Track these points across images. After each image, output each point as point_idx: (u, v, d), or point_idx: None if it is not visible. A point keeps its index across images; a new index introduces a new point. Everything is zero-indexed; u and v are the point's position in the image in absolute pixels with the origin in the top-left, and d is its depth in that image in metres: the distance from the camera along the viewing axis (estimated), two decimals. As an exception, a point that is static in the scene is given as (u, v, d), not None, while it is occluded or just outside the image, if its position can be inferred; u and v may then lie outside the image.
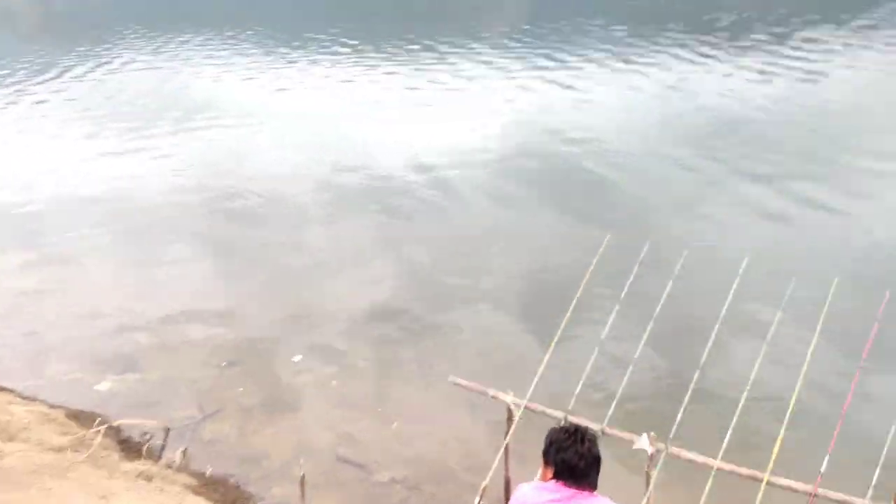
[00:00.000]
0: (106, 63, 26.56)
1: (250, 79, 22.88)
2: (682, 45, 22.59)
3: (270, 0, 44.55)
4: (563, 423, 4.18)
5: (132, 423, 6.33)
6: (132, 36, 32.84)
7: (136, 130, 17.26)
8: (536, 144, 14.72)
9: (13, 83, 24.07)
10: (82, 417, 6.33)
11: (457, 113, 17.46)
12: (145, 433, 6.42)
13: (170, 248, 10.84)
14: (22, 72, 25.74)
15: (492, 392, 5.20)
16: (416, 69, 22.48)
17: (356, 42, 27.34)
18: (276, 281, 9.69)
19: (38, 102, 21.12)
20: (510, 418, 5.10)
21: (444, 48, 25.16)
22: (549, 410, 4.92)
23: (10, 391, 6.92)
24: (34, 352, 8.03)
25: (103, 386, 7.40)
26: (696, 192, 11.74)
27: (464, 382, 5.45)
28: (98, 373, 7.63)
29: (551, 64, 21.78)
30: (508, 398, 5.11)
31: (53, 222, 12.13)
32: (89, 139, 16.97)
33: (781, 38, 22.56)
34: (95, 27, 37.45)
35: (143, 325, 8.66)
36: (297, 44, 28.55)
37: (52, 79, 24.04)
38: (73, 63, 26.62)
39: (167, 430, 6.39)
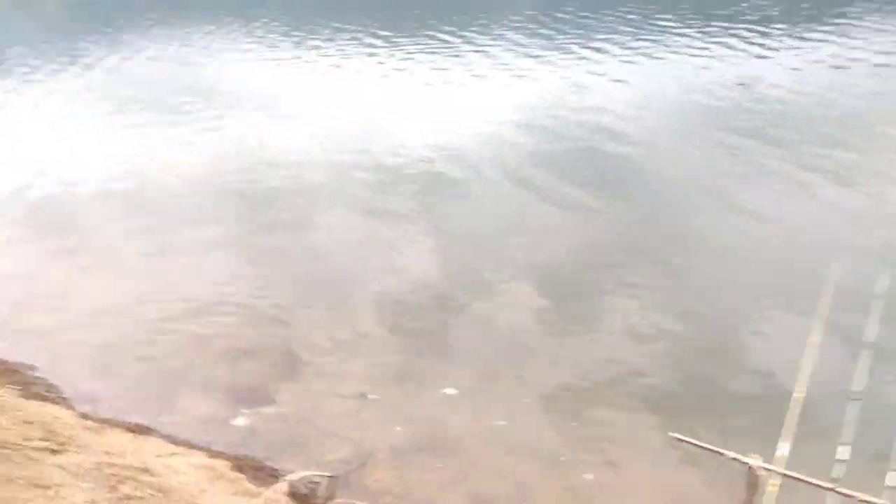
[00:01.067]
0: (132, 53, 26.08)
1: (277, 69, 22.66)
2: (725, 32, 21.91)
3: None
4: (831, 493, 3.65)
5: (304, 476, 5.74)
6: (155, 26, 32.16)
7: (165, 122, 17.12)
8: (565, 128, 14.71)
9: (41, 72, 23.66)
10: (246, 468, 5.78)
11: (485, 100, 17.26)
12: (310, 482, 5.86)
13: (252, 265, 10.23)
14: (48, 62, 25.26)
15: (731, 454, 4.63)
16: (444, 58, 22.23)
17: (383, 33, 26.81)
18: (379, 295, 9.10)
19: (61, 91, 20.99)
20: (753, 484, 4.54)
21: (472, 36, 24.95)
22: (810, 479, 4.35)
23: (154, 432, 6.37)
24: (158, 382, 7.49)
25: (240, 421, 6.88)
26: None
27: (689, 440, 4.88)
28: (230, 406, 7.10)
29: (579, 50, 21.40)
30: (753, 461, 4.54)
31: (100, 222, 11.88)
32: (105, 130, 16.97)
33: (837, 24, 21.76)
34: (118, 15, 36.72)
35: (258, 348, 8.13)
36: (322, 35, 27.94)
37: (77, 69, 23.87)
38: (97, 53, 26.29)
39: (334, 479, 5.84)
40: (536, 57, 21.01)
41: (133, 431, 6.11)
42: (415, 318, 8.61)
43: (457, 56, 22.16)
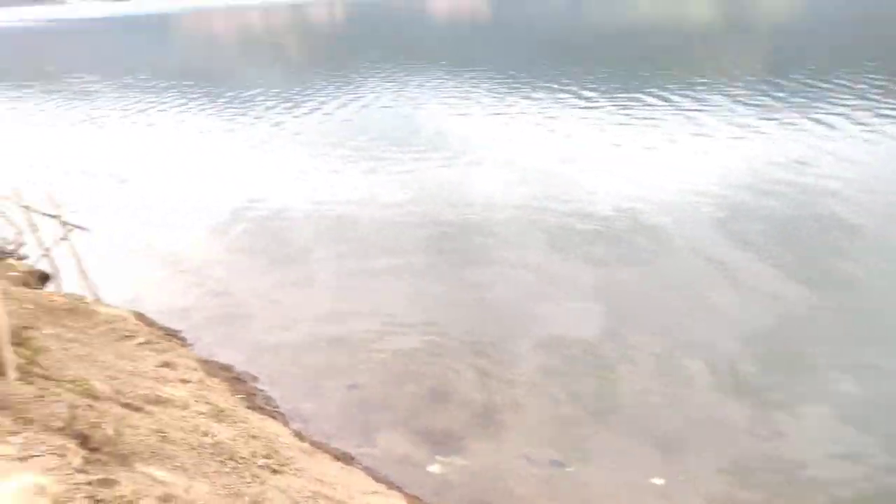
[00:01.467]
0: (350, 101, 28.35)
1: (483, 120, 23.37)
2: None
3: (505, 46, 45.45)
4: None
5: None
6: (374, 78, 34.63)
7: (373, 161, 18.30)
8: (770, 204, 13.49)
9: (272, 112, 26.32)
10: (442, 521, 5.60)
11: (686, 165, 16.47)
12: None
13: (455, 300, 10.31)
14: (279, 104, 28.08)
15: None
16: (650, 119, 21.65)
17: (588, 93, 26.70)
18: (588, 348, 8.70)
19: (285, 132, 23.22)
20: None
21: (679, 100, 23.94)
22: None
23: (356, 462, 6.45)
24: (361, 412, 7.64)
25: (435, 468, 6.76)
26: None
27: None
28: (426, 450, 7.02)
29: (801, 121, 19.55)
30: None
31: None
32: (330, 166, 18.27)
33: None
34: (346, 66, 40.17)
35: (454, 392, 8.03)
36: (529, 91, 28.55)
37: (301, 112, 26.36)
38: (321, 98, 28.85)
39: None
40: (748, 126, 19.62)
41: (340, 460, 6.21)
42: (603, 383, 8.13)
43: (662, 118, 21.48)
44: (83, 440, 4.30)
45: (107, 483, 3.72)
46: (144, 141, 22.63)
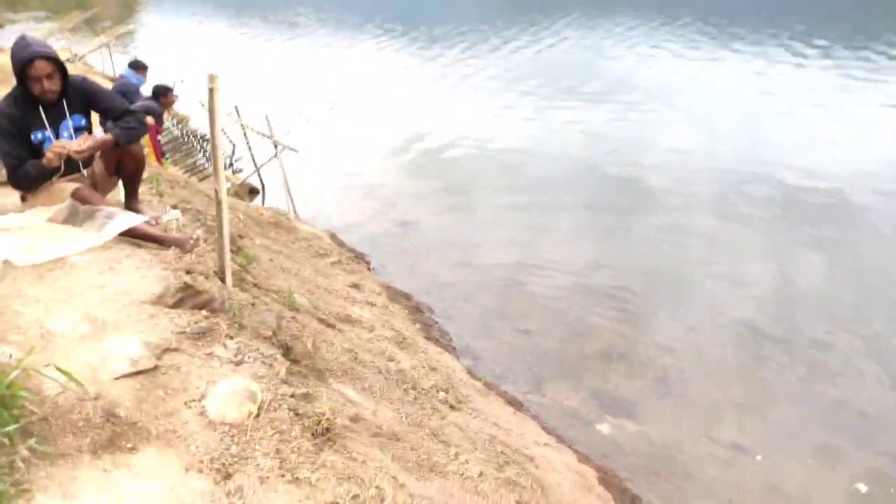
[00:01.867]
0: (553, 42, 27.18)
1: (691, 68, 21.70)
2: None
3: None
4: None
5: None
6: (561, 20, 33.08)
7: (556, 102, 17.79)
8: None
9: (471, 51, 25.95)
10: (611, 486, 5.27)
11: None
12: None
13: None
14: (480, 42, 27.64)
15: None
16: (866, 78, 19.05)
17: (818, 42, 23.49)
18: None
19: (483, 68, 22.79)
20: None
21: None
22: None
23: (525, 409, 6.27)
24: (531, 359, 7.42)
25: (604, 428, 6.41)
26: None
27: None
28: (595, 407, 6.68)
29: None
30: None
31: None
32: (511, 105, 17.99)
33: None
34: (533, 8, 38.74)
35: (628, 353, 7.56)
36: (749, 39, 25.76)
37: (503, 52, 25.56)
38: (523, 38, 27.91)
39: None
40: None
41: (511, 405, 6.06)
42: (791, 366, 7.30)
43: (889, 81, 18.54)
44: (286, 350, 4.43)
45: (308, 398, 3.78)
46: (350, 71, 23.57)
